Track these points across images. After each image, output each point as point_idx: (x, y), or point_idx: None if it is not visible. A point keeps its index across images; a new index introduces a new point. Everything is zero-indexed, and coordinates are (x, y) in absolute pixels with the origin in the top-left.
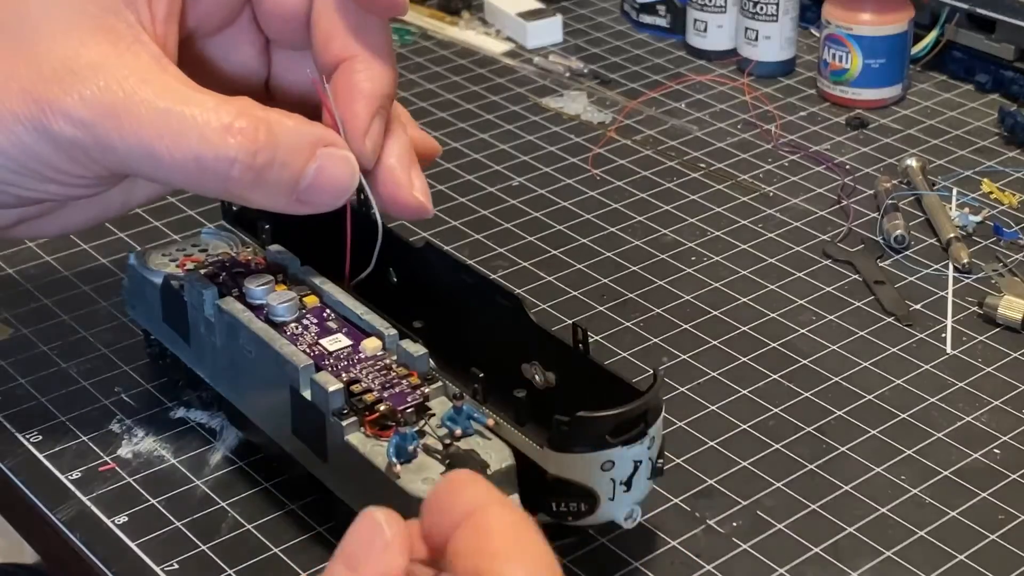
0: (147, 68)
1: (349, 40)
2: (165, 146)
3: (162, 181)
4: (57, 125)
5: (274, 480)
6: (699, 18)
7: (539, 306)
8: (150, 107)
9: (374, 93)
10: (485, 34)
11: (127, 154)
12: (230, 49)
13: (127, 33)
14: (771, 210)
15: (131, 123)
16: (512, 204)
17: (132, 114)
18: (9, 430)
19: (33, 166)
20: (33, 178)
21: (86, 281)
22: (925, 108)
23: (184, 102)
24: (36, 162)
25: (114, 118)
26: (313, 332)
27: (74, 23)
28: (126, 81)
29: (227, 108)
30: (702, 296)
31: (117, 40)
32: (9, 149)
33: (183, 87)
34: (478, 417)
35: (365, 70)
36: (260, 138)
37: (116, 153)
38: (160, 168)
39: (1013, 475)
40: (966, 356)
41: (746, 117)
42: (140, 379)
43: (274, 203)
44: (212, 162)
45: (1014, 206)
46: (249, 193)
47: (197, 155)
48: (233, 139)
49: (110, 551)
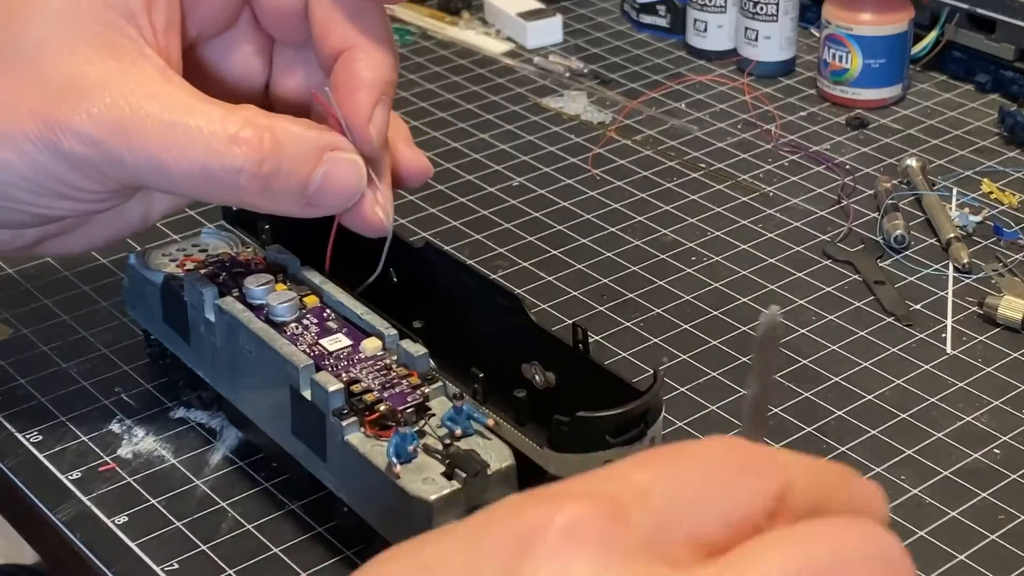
0: (152, 81)
1: (347, 30)
2: (173, 158)
3: (172, 192)
4: (67, 144)
5: (274, 480)
6: (699, 18)
7: (539, 306)
8: (156, 120)
9: (375, 81)
10: (485, 34)
11: (136, 168)
12: (232, 51)
13: (130, 48)
14: (771, 210)
15: (139, 137)
16: (512, 204)
17: (139, 128)
18: (9, 430)
19: (47, 184)
20: (48, 196)
21: (86, 281)
22: (925, 108)
23: (189, 114)
24: (50, 180)
25: (122, 134)
26: (313, 332)
27: (77, 41)
28: (132, 96)
29: (232, 118)
30: (702, 296)
31: (121, 55)
32: (23, 169)
33: (188, 98)
34: (478, 417)
35: (365, 59)
36: (265, 146)
37: (126, 167)
38: (169, 180)
39: (1013, 475)
40: (966, 356)
41: (746, 117)
42: (140, 379)
43: (285, 209)
44: (219, 172)
45: (1014, 206)
46: (258, 200)
47: (204, 166)
48: (239, 149)
49: (110, 551)
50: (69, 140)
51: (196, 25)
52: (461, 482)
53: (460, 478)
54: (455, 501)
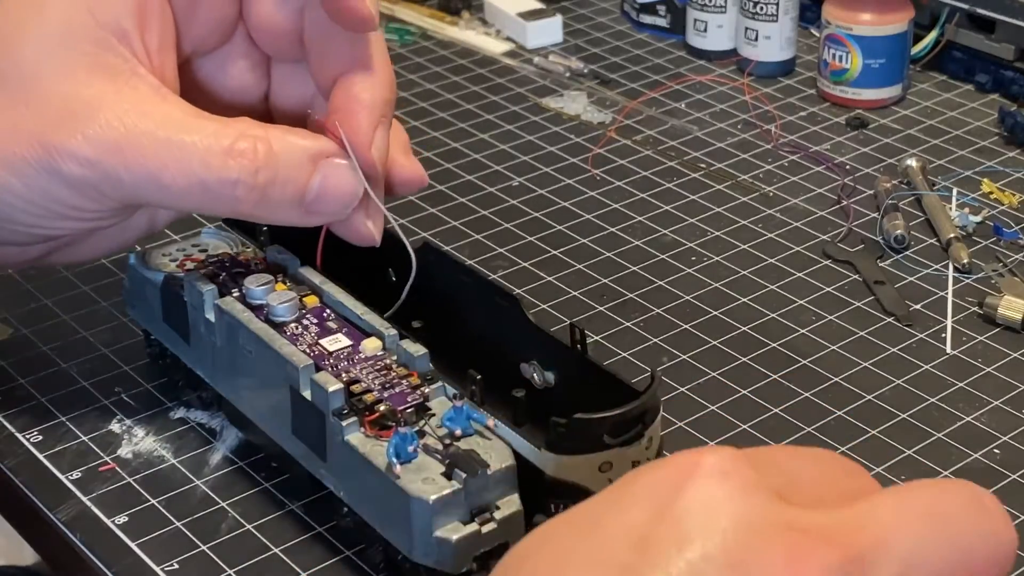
0: (146, 100)
1: (342, 55)
2: (170, 175)
3: (172, 208)
4: (66, 166)
5: (274, 480)
6: (699, 18)
7: (538, 306)
8: (152, 138)
9: (374, 103)
10: (485, 34)
11: (134, 186)
12: (228, 66)
13: (124, 68)
14: (771, 210)
15: (135, 156)
16: (512, 204)
17: (135, 147)
18: (9, 430)
19: (49, 206)
20: (50, 217)
21: (86, 281)
22: (925, 108)
23: (184, 130)
24: (51, 202)
25: (118, 153)
26: (313, 332)
27: (71, 64)
28: (127, 116)
29: (227, 131)
30: (702, 296)
31: (115, 76)
32: (24, 192)
33: (183, 115)
34: (478, 417)
35: (362, 82)
36: (260, 157)
37: (124, 186)
38: (168, 196)
39: (1013, 475)
40: (966, 356)
41: (746, 117)
42: (140, 379)
43: (285, 218)
44: (216, 185)
45: (1014, 206)
46: (257, 211)
47: (201, 180)
48: (234, 161)
49: (110, 551)
50: (67, 162)
51: (191, 42)
52: (461, 482)
53: (460, 478)
54: (455, 501)
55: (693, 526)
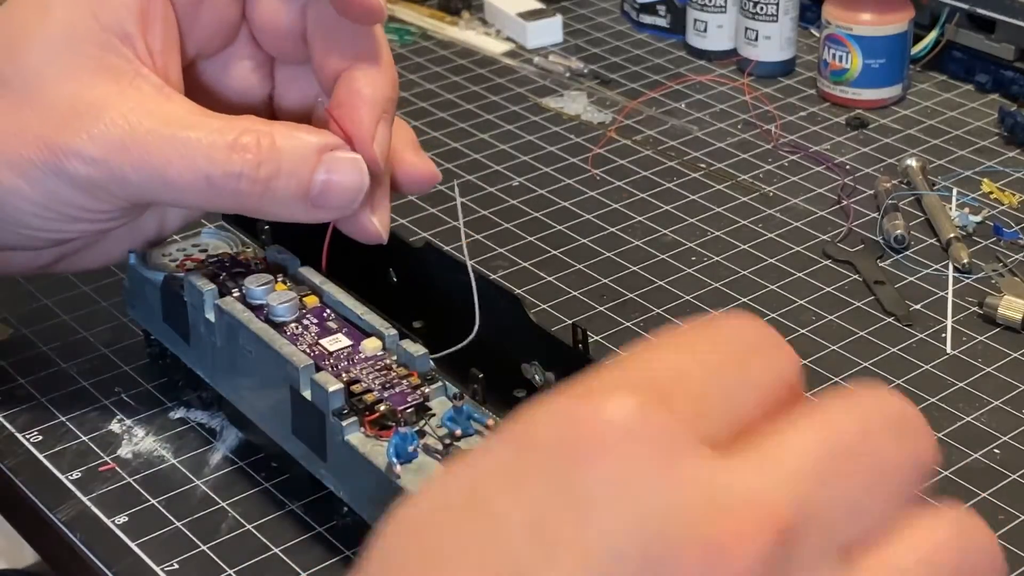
0: (150, 99)
1: (345, 52)
2: (175, 170)
3: (179, 205)
4: (72, 166)
5: (274, 480)
6: (699, 18)
7: (539, 306)
8: (156, 136)
9: (376, 99)
10: (485, 34)
11: (141, 184)
12: (232, 67)
13: (127, 69)
14: (771, 210)
15: (140, 153)
16: (512, 204)
17: (140, 144)
18: (9, 430)
19: (58, 208)
20: (60, 220)
21: (86, 281)
22: (925, 108)
23: (188, 127)
24: (60, 204)
25: (124, 151)
26: (313, 332)
27: (75, 66)
28: (131, 114)
29: (230, 127)
30: (702, 296)
31: (119, 77)
32: (33, 195)
33: (187, 113)
34: (478, 417)
35: (364, 77)
36: (263, 151)
37: (131, 184)
38: (174, 192)
39: (1013, 475)
40: (966, 356)
41: (746, 117)
42: (140, 379)
43: (291, 213)
44: (220, 179)
45: (1014, 206)
46: (263, 205)
47: (206, 175)
48: (237, 155)
49: (110, 551)
50: (73, 162)
51: (195, 44)
52: None
53: None
54: None
55: (601, 516)
